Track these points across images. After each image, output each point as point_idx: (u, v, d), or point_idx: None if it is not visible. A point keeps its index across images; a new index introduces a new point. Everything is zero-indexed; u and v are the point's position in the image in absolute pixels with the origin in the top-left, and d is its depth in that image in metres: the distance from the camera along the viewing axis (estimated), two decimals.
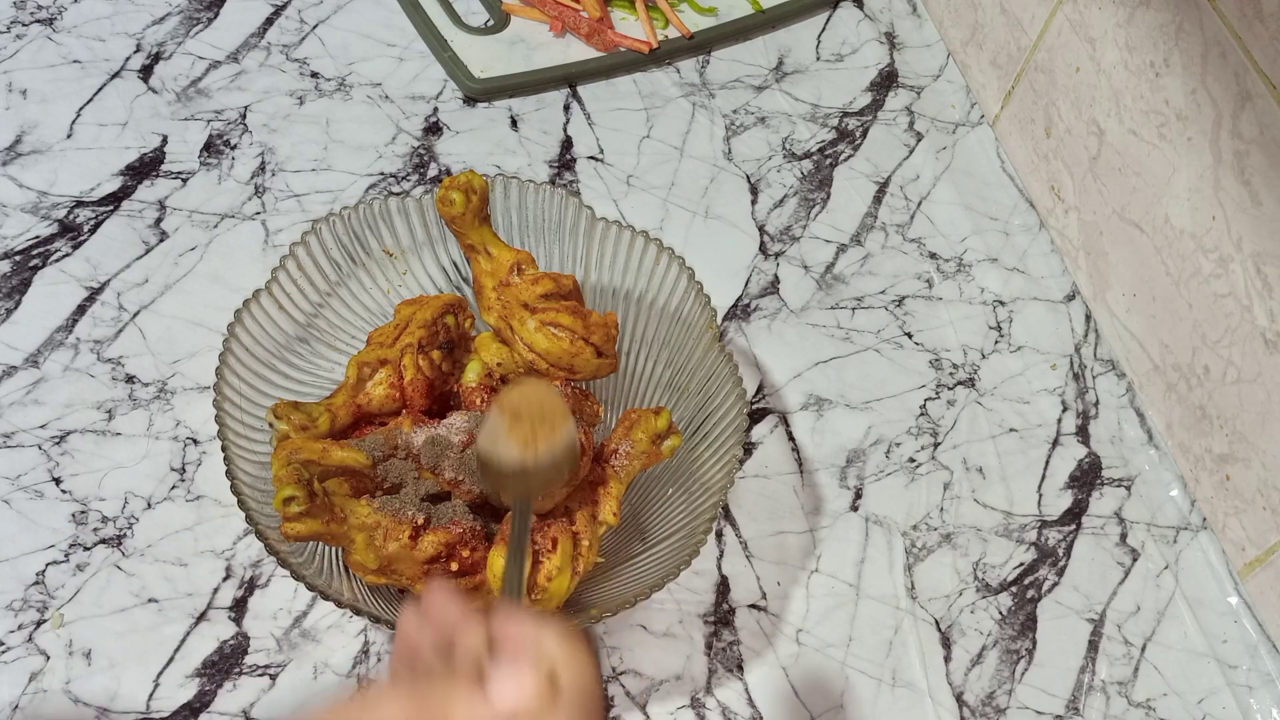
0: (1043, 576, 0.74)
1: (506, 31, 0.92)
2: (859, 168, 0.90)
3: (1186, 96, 0.71)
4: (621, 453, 0.64)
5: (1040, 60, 0.85)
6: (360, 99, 0.87)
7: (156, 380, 0.73)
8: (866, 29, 0.98)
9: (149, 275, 0.77)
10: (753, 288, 0.83)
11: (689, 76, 0.93)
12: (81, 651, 0.64)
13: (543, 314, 0.66)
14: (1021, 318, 0.84)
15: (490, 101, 0.89)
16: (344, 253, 0.70)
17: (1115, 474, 0.78)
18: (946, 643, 0.71)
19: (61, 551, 0.67)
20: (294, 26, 0.91)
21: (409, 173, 0.84)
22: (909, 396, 0.79)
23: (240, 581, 0.67)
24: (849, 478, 0.76)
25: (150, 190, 0.81)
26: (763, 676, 0.68)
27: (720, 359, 0.67)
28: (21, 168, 0.80)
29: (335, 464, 0.61)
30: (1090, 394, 0.81)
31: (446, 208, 0.67)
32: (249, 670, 0.64)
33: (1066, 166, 0.85)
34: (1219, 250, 0.71)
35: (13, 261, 0.76)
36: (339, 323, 0.71)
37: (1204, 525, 0.76)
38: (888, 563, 0.73)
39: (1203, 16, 0.69)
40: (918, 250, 0.86)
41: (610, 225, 0.71)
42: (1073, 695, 0.70)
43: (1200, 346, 0.74)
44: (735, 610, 0.70)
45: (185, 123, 0.84)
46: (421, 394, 0.66)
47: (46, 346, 0.73)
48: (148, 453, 0.70)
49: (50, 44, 0.87)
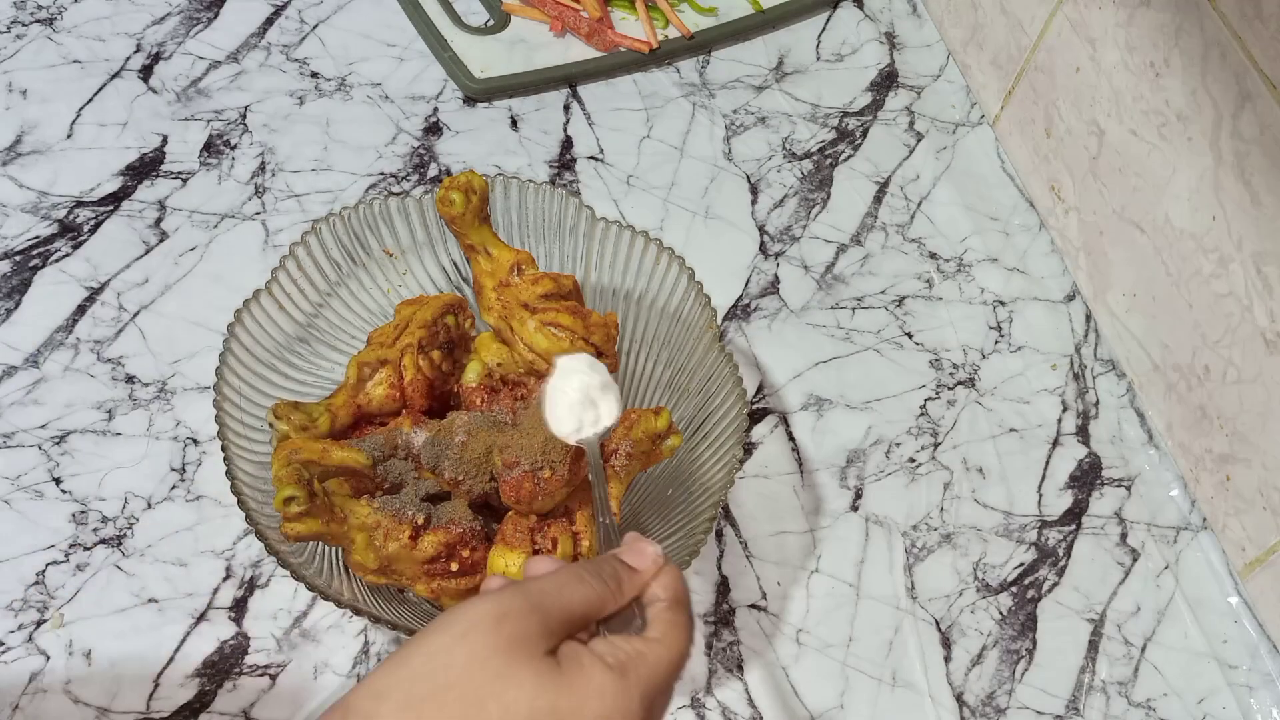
0: (1043, 577, 0.74)
1: (507, 32, 0.92)
2: (859, 168, 0.90)
3: (1187, 97, 0.71)
4: (621, 453, 0.64)
5: (1040, 60, 0.85)
6: (360, 99, 0.87)
7: (156, 380, 0.73)
8: (866, 29, 0.98)
9: (149, 275, 0.77)
10: (753, 288, 0.83)
11: (689, 76, 0.93)
12: (81, 651, 0.64)
13: (543, 314, 0.66)
14: (1022, 318, 0.84)
15: (490, 101, 0.89)
16: (344, 253, 0.70)
17: (1115, 474, 0.78)
18: (946, 643, 0.71)
19: (61, 551, 0.67)
20: (294, 26, 0.91)
21: (409, 173, 0.84)
22: (909, 396, 0.79)
23: (240, 581, 0.67)
24: (849, 478, 0.76)
25: (150, 190, 0.81)
26: (763, 676, 0.68)
27: (720, 359, 0.67)
28: (22, 168, 0.80)
29: (335, 464, 0.61)
30: (1090, 394, 0.81)
31: (446, 208, 0.67)
32: (249, 670, 0.64)
33: (1067, 167, 0.85)
34: (1219, 250, 0.71)
35: (13, 261, 0.76)
36: (339, 323, 0.71)
37: (1204, 525, 0.76)
38: (888, 563, 0.73)
39: (1203, 17, 0.69)
40: (918, 250, 0.86)
41: (610, 225, 0.71)
42: (1073, 695, 0.70)
43: (1200, 346, 0.74)
44: (735, 610, 0.70)
45: (185, 123, 0.84)
46: (421, 394, 0.66)
47: (47, 346, 0.73)
48: (148, 453, 0.70)
49: (50, 44, 0.87)
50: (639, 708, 0.42)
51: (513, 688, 0.40)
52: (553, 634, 0.42)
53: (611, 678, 0.42)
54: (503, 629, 0.41)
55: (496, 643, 0.41)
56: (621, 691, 0.41)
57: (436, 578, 0.61)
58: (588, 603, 0.44)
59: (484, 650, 0.41)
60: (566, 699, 0.41)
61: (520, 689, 0.40)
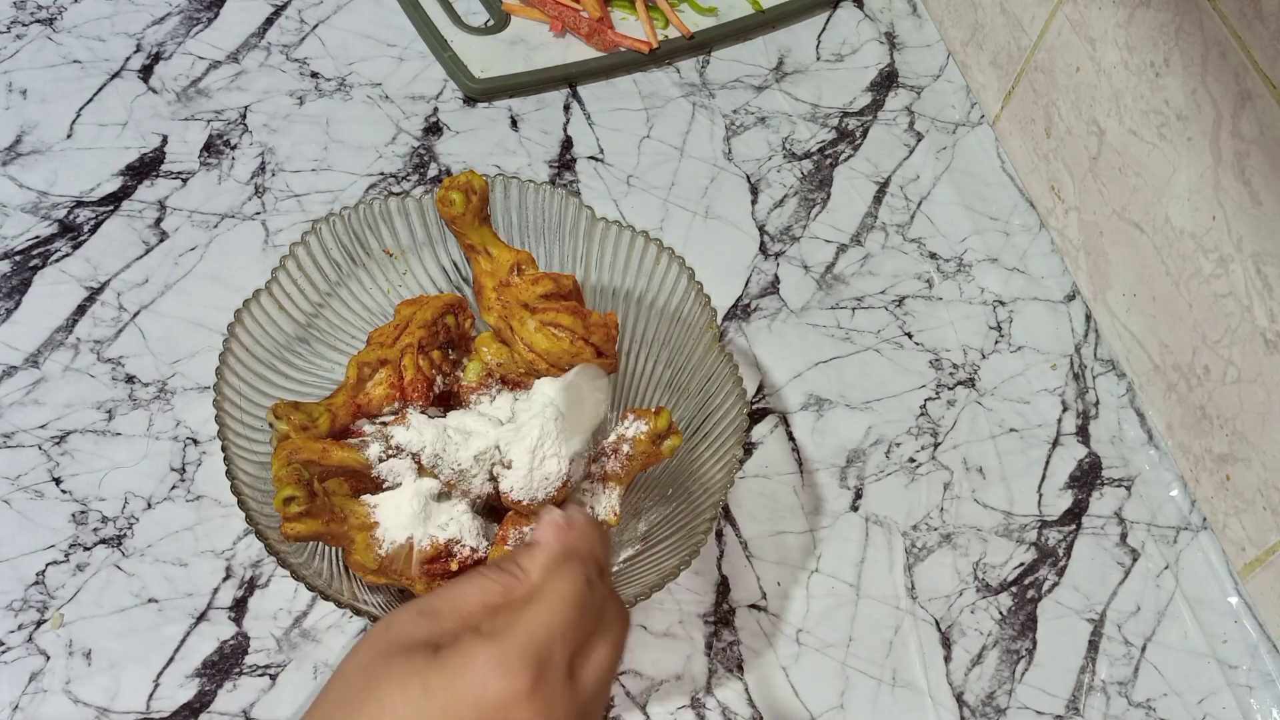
0: (1043, 576, 0.74)
1: (506, 31, 0.92)
2: (859, 168, 0.90)
3: (1186, 96, 0.71)
4: (621, 453, 0.64)
5: (1040, 60, 0.85)
6: (360, 99, 0.87)
7: (156, 380, 0.73)
8: (866, 29, 0.98)
9: (149, 275, 0.77)
10: (753, 288, 0.83)
11: (689, 76, 0.93)
12: (81, 651, 0.64)
13: (543, 314, 0.66)
14: (1021, 318, 0.84)
15: (490, 101, 0.89)
16: (344, 253, 0.70)
17: (1115, 474, 0.78)
18: (946, 643, 0.71)
19: (61, 551, 0.67)
20: (294, 26, 0.91)
21: (409, 173, 0.84)
22: (909, 396, 0.80)
23: (240, 581, 0.67)
24: (849, 478, 0.76)
25: (150, 190, 0.81)
26: (763, 676, 0.68)
27: (720, 359, 0.67)
28: (21, 168, 0.80)
29: (335, 464, 0.61)
30: (1090, 394, 0.81)
31: (446, 208, 0.67)
32: (249, 670, 0.64)
33: (1066, 166, 0.85)
34: (1219, 250, 0.71)
35: (13, 261, 0.76)
36: (339, 323, 0.71)
37: (1204, 525, 0.76)
38: (888, 563, 0.73)
39: (1203, 16, 0.69)
40: (918, 250, 0.86)
41: (610, 225, 0.71)
42: (1073, 695, 0.70)
43: (1200, 346, 0.74)
44: (735, 610, 0.70)
45: (185, 123, 0.84)
46: (421, 394, 0.66)
47: (46, 346, 0.73)
48: (148, 453, 0.70)
49: (50, 44, 0.87)
50: (518, 668, 0.41)
51: (388, 683, 0.41)
52: (442, 633, 0.43)
53: (484, 645, 0.42)
54: (386, 635, 0.43)
55: (378, 647, 0.43)
56: (497, 656, 0.41)
57: (436, 578, 0.61)
58: (486, 592, 0.45)
59: (366, 658, 0.43)
60: (438, 678, 0.41)
61: (394, 682, 0.41)
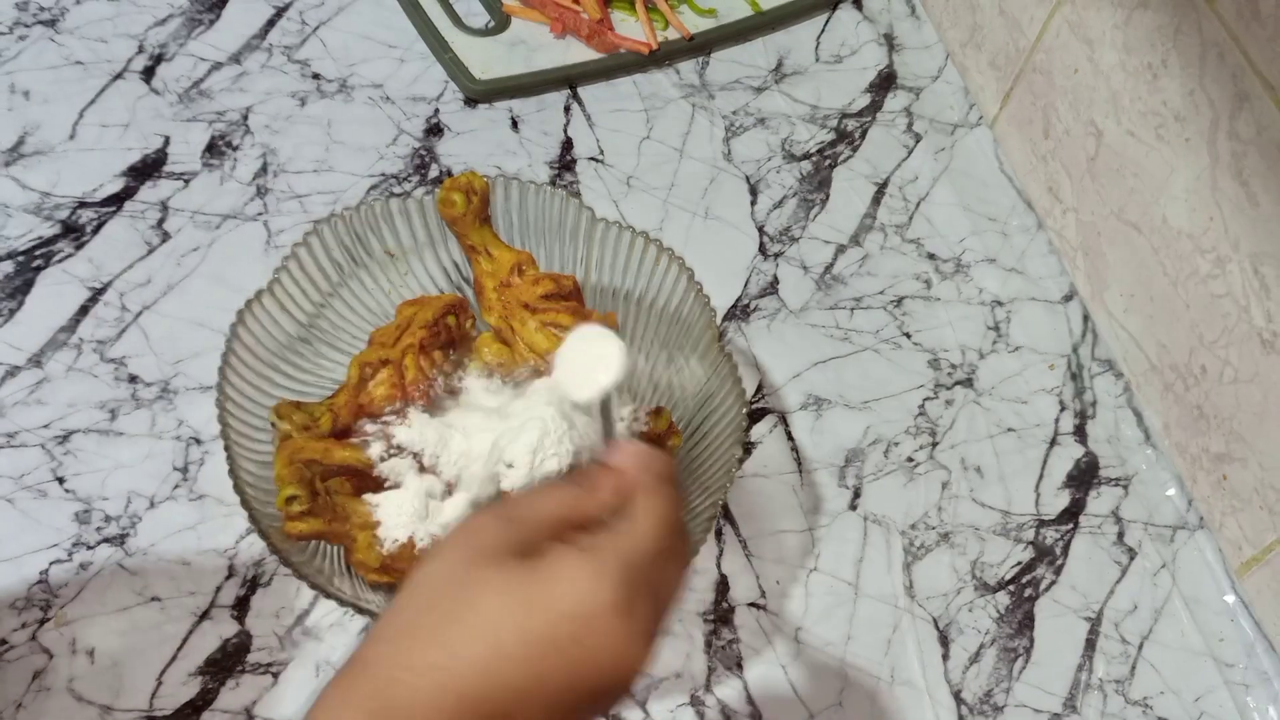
0: (1040, 575, 0.74)
1: (507, 33, 0.92)
2: (858, 169, 0.90)
3: (1184, 97, 0.71)
4: None
5: (1039, 61, 0.86)
6: (361, 100, 0.88)
7: (159, 380, 0.73)
8: (865, 30, 0.99)
9: (151, 276, 0.77)
10: (752, 288, 0.83)
11: (689, 78, 0.93)
12: (84, 650, 0.64)
13: (543, 314, 0.66)
14: (1019, 318, 0.84)
15: (491, 103, 0.89)
16: (345, 253, 0.70)
17: (1113, 473, 0.78)
18: (944, 641, 0.71)
19: (65, 550, 0.67)
20: (295, 28, 0.91)
21: (410, 174, 0.85)
22: (907, 396, 0.80)
23: (243, 580, 0.67)
24: (848, 477, 0.76)
25: (153, 191, 0.81)
26: (762, 674, 0.68)
27: (720, 359, 0.67)
28: (24, 169, 0.81)
29: (337, 463, 0.61)
30: (1088, 394, 0.82)
31: (447, 209, 0.67)
32: (251, 668, 0.65)
33: (1065, 167, 0.85)
34: (1216, 251, 0.71)
35: (16, 262, 0.77)
36: (341, 323, 0.71)
37: (1201, 524, 0.77)
38: (886, 562, 0.73)
39: (1200, 18, 0.69)
40: (916, 251, 0.87)
41: (610, 226, 0.71)
42: (1070, 693, 0.70)
43: (1197, 346, 0.74)
44: (735, 609, 0.70)
45: (187, 124, 0.84)
46: (423, 394, 0.66)
47: (50, 347, 0.74)
48: (150, 452, 0.71)
49: (53, 45, 0.87)
50: (612, 584, 0.42)
51: (483, 592, 0.42)
52: (524, 540, 0.44)
53: (580, 558, 0.42)
54: (471, 542, 0.43)
55: (465, 555, 0.43)
56: (593, 571, 0.42)
57: None
58: (560, 504, 0.46)
59: (455, 565, 0.43)
60: (536, 587, 0.42)
61: (489, 590, 0.42)
